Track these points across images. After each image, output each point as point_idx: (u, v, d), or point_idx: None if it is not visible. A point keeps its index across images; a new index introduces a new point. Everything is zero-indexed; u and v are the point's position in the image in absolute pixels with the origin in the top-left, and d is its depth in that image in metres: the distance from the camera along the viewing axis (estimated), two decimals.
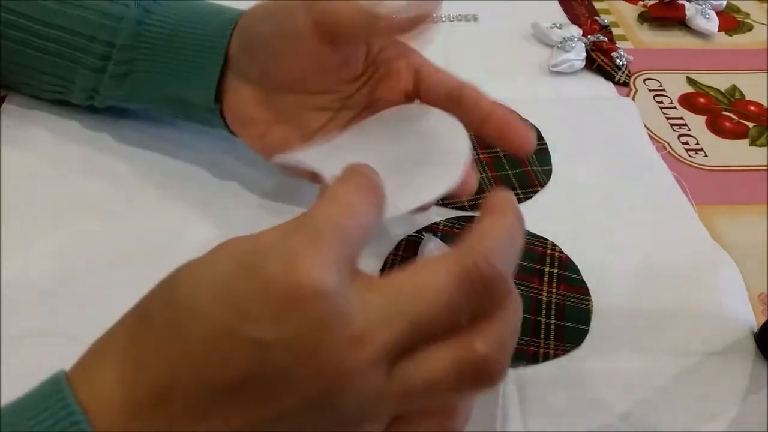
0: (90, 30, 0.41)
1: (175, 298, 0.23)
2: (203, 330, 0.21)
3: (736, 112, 0.54)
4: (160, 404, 0.22)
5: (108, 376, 0.23)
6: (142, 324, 0.23)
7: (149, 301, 0.24)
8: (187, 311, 0.22)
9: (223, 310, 0.21)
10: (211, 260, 0.23)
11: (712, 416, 0.33)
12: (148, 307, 0.24)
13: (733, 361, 0.36)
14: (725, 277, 0.40)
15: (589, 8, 0.65)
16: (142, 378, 0.22)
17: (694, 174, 0.47)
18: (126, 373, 0.22)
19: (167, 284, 0.24)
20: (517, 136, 0.35)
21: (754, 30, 0.65)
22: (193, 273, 0.23)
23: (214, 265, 0.23)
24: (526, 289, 0.38)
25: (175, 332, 0.22)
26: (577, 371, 0.35)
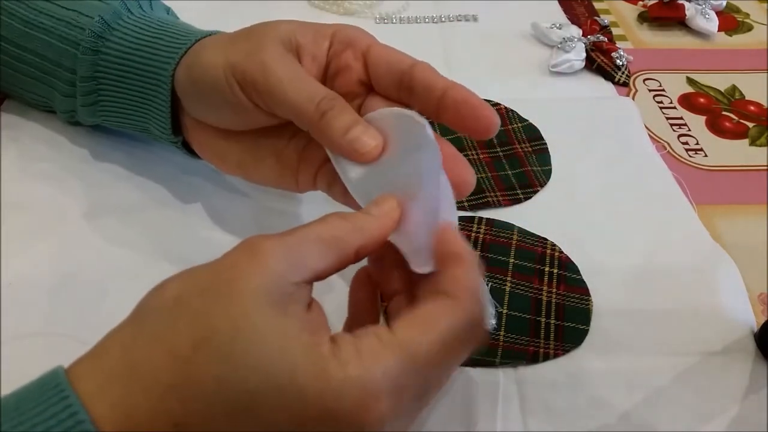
0: (54, 56, 0.40)
1: (237, 377, 0.23)
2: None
3: (736, 112, 0.54)
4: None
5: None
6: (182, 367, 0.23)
7: (176, 332, 0.24)
8: (254, 406, 0.23)
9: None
10: (281, 362, 0.23)
11: (712, 416, 0.33)
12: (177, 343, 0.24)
13: (733, 361, 0.36)
14: (725, 277, 0.40)
15: (588, 8, 0.65)
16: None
17: (694, 174, 0.47)
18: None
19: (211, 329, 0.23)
20: (479, 117, 0.30)
21: (754, 30, 0.65)
22: (261, 368, 0.23)
23: (286, 388, 0.23)
24: (526, 289, 0.38)
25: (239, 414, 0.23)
26: (577, 371, 0.35)
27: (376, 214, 0.28)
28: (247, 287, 0.24)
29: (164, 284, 0.25)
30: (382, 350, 0.23)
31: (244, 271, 0.24)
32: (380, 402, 0.23)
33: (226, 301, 0.24)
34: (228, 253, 0.26)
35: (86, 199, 0.42)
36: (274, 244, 0.25)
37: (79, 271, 0.38)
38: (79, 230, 0.40)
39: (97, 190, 0.42)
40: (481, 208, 0.43)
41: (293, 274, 0.25)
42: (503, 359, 0.35)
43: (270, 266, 0.24)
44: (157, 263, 0.38)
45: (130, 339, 0.24)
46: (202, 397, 0.23)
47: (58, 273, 0.37)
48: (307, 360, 0.23)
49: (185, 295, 0.24)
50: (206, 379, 0.23)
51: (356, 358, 0.23)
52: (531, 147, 0.48)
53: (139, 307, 0.25)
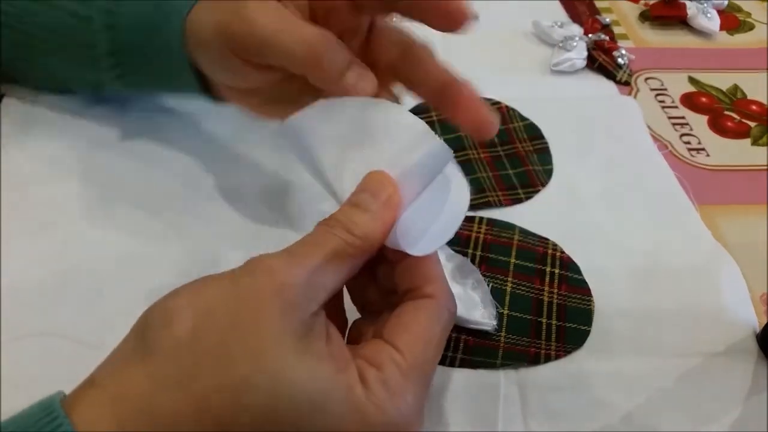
0: (69, 31, 0.40)
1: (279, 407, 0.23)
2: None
3: (738, 111, 0.54)
4: None
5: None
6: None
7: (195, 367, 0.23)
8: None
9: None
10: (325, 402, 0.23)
11: (714, 417, 0.33)
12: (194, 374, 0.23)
13: (736, 362, 0.36)
14: (727, 277, 0.40)
15: (590, 7, 0.65)
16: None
17: (696, 174, 0.47)
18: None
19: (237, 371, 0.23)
20: (478, 118, 0.30)
21: (756, 29, 0.64)
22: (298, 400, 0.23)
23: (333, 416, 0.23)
24: (527, 290, 0.38)
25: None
26: (579, 372, 0.35)
27: (376, 210, 0.26)
28: (274, 329, 0.23)
29: (171, 313, 0.24)
30: (405, 382, 0.25)
31: (266, 308, 0.23)
32: (414, 426, 0.25)
33: (255, 351, 0.23)
34: (241, 278, 0.24)
35: (86, 199, 0.42)
36: (293, 272, 0.24)
37: (79, 272, 0.37)
38: (78, 230, 0.40)
39: (97, 190, 0.42)
40: (481, 207, 0.43)
41: (313, 304, 0.24)
42: (504, 360, 0.35)
43: (292, 300, 0.23)
44: (157, 264, 0.38)
45: (148, 382, 0.23)
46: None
47: (58, 273, 0.37)
48: (347, 408, 0.23)
49: (204, 335, 0.23)
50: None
51: (389, 397, 0.24)
52: (532, 146, 0.48)
53: (147, 338, 0.24)
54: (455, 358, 0.35)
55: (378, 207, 0.26)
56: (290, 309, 0.23)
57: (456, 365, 0.34)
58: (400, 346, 0.25)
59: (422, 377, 0.25)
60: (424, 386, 0.26)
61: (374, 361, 0.25)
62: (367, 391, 0.24)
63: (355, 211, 0.26)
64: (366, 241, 0.26)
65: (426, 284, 0.27)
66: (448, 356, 0.35)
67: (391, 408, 0.24)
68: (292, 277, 0.24)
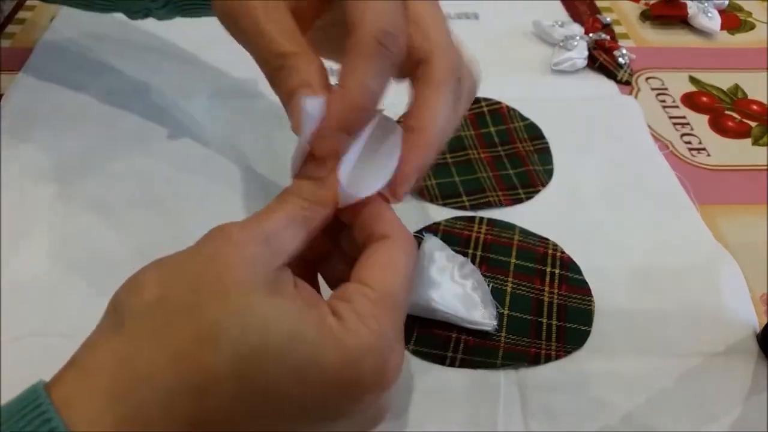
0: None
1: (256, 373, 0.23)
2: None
3: (739, 111, 0.54)
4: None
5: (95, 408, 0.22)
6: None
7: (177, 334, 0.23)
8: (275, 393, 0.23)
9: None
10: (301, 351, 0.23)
11: (715, 417, 0.33)
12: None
13: (736, 362, 0.35)
14: (728, 277, 0.40)
15: (590, 6, 0.65)
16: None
17: (696, 173, 0.47)
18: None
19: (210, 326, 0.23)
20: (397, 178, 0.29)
21: (756, 29, 0.64)
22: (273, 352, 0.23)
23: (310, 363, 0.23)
24: (528, 290, 0.38)
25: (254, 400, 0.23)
26: (579, 372, 0.35)
27: (323, 175, 0.27)
28: (239, 278, 0.23)
29: (138, 283, 0.25)
30: (375, 309, 0.25)
31: (230, 263, 0.24)
32: (394, 352, 0.25)
33: (222, 295, 0.23)
34: (202, 244, 0.25)
35: (86, 198, 0.42)
36: (251, 234, 0.25)
37: (79, 272, 0.37)
38: (78, 230, 0.40)
39: (97, 190, 0.42)
40: (482, 207, 0.43)
41: (275, 260, 0.25)
42: (504, 361, 0.35)
43: (254, 255, 0.24)
44: None
45: (121, 348, 0.23)
46: (220, 395, 0.22)
47: (58, 273, 0.37)
48: (321, 336, 0.23)
49: (172, 294, 0.24)
50: (223, 376, 0.22)
51: (362, 323, 0.24)
52: (532, 146, 0.48)
53: (117, 311, 0.24)
54: (455, 358, 0.35)
55: (325, 173, 0.27)
56: (251, 263, 0.24)
57: (456, 365, 0.34)
58: (366, 281, 0.26)
59: (393, 305, 0.26)
60: (397, 313, 0.26)
61: (343, 297, 0.25)
62: (340, 320, 0.24)
63: (305, 181, 0.28)
64: (319, 204, 0.27)
65: (379, 227, 0.27)
66: (448, 356, 0.35)
67: (364, 330, 0.24)
68: (249, 237, 0.25)
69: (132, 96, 0.49)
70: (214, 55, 0.53)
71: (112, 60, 0.53)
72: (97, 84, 0.50)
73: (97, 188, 0.42)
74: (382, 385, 0.24)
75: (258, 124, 0.48)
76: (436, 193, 0.44)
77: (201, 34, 0.44)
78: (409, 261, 0.27)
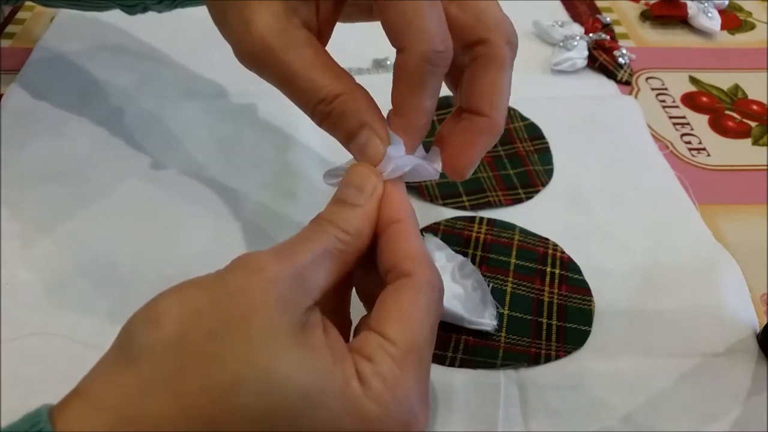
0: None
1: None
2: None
3: (739, 111, 0.54)
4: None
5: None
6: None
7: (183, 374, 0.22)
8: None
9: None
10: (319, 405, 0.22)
11: (715, 418, 0.33)
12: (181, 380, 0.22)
13: (736, 362, 0.35)
14: (727, 277, 0.40)
15: (590, 6, 0.65)
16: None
17: (696, 173, 0.47)
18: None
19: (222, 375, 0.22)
20: (457, 157, 0.29)
21: (756, 29, 0.64)
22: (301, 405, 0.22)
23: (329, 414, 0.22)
24: (528, 290, 0.38)
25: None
26: (579, 373, 0.35)
27: (363, 204, 0.26)
28: (263, 324, 0.22)
29: (157, 315, 0.23)
30: (400, 369, 0.23)
31: (257, 303, 0.22)
32: (418, 416, 0.24)
33: (245, 343, 0.22)
34: (229, 276, 0.23)
35: (85, 199, 0.42)
36: (282, 268, 0.23)
37: (79, 272, 0.37)
38: (78, 230, 0.40)
39: (97, 190, 0.42)
40: (482, 207, 0.43)
41: (306, 299, 0.23)
42: (504, 361, 0.35)
43: (284, 296, 0.23)
44: (157, 264, 0.38)
45: (131, 386, 0.22)
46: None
47: (58, 273, 0.37)
48: (343, 402, 0.22)
49: (191, 334, 0.22)
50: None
51: (387, 390, 0.23)
52: (533, 146, 0.48)
53: (131, 342, 0.23)
54: (455, 358, 0.35)
55: (364, 201, 0.26)
56: (281, 304, 0.22)
57: (456, 365, 0.34)
58: (388, 335, 0.24)
59: (418, 362, 0.24)
60: (422, 371, 0.24)
61: (365, 353, 0.24)
62: (364, 386, 0.23)
63: (342, 207, 0.26)
64: (356, 237, 0.25)
65: (402, 262, 0.25)
66: (448, 356, 0.35)
67: (390, 400, 0.23)
68: (281, 273, 0.23)
69: (132, 96, 0.49)
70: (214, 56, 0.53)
71: (112, 60, 0.53)
72: (97, 84, 0.50)
73: (97, 188, 0.42)
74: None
75: (258, 125, 0.48)
76: (436, 193, 0.44)
77: (202, 33, 0.44)
78: (434, 304, 0.25)
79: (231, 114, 0.49)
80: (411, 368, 0.24)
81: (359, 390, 0.22)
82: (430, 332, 0.25)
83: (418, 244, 0.26)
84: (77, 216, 0.40)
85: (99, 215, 0.41)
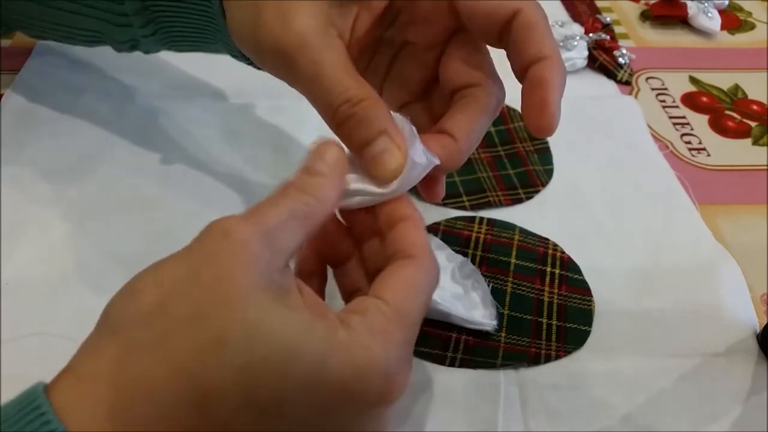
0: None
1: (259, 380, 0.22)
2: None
3: (739, 111, 0.54)
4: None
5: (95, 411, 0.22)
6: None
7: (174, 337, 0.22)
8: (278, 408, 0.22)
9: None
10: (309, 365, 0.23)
11: (715, 417, 0.33)
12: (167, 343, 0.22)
13: (736, 362, 0.35)
14: (727, 277, 0.40)
15: (590, 6, 0.65)
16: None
17: (696, 173, 0.47)
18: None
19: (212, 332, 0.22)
20: (542, 116, 0.30)
21: (756, 29, 0.64)
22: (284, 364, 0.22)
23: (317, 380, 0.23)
24: (528, 290, 0.38)
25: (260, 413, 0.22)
26: (579, 372, 0.35)
27: (327, 173, 0.27)
28: (240, 284, 0.22)
29: (134, 288, 0.24)
30: (389, 325, 0.24)
31: (230, 266, 0.23)
32: (401, 373, 0.24)
33: (224, 303, 0.22)
34: (199, 242, 0.24)
35: (85, 199, 0.42)
36: (252, 231, 0.24)
37: (79, 272, 0.37)
38: (78, 230, 0.40)
39: (97, 190, 0.42)
40: (482, 207, 0.43)
41: (278, 260, 0.24)
42: (504, 361, 0.35)
43: (255, 256, 0.23)
44: None
45: (120, 357, 0.22)
46: (223, 408, 0.22)
47: (58, 273, 0.37)
48: (330, 349, 0.23)
49: (169, 301, 0.23)
50: (226, 389, 0.22)
51: (373, 339, 0.24)
52: (533, 146, 0.48)
53: (112, 319, 0.24)
54: (455, 358, 0.35)
55: (329, 170, 0.27)
56: (253, 263, 0.23)
57: (456, 365, 0.34)
58: (383, 296, 0.25)
59: (407, 325, 0.25)
60: (409, 333, 0.25)
61: (357, 309, 0.25)
62: (350, 331, 0.23)
63: (308, 174, 0.27)
64: (321, 201, 0.26)
65: (408, 247, 0.27)
66: (448, 356, 0.35)
67: (375, 347, 0.23)
68: (249, 233, 0.23)
69: (132, 96, 0.49)
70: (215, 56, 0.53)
71: (112, 60, 0.53)
72: (97, 84, 0.50)
73: (97, 188, 0.42)
74: (386, 402, 0.24)
75: (258, 125, 0.48)
76: None
77: None
78: (430, 285, 0.27)
79: (231, 114, 0.49)
80: (400, 328, 0.25)
81: (345, 335, 0.23)
82: (421, 310, 0.26)
83: (425, 238, 0.28)
84: (77, 216, 0.40)
85: (99, 215, 0.41)
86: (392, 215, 0.28)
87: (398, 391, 0.24)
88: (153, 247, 0.39)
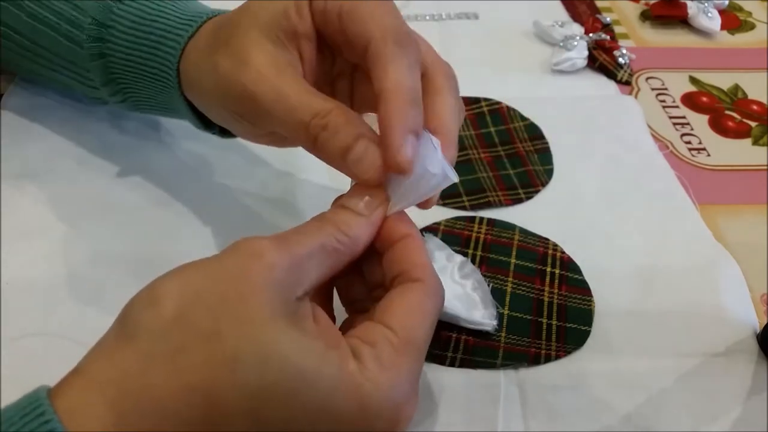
0: (67, 53, 0.38)
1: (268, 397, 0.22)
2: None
3: (739, 111, 0.54)
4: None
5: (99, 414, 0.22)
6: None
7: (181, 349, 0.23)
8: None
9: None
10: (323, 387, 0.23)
11: (715, 417, 0.33)
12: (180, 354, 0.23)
13: (736, 362, 0.35)
14: (727, 277, 0.40)
15: (590, 6, 0.65)
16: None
17: (696, 173, 0.47)
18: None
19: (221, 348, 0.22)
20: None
21: (756, 29, 0.64)
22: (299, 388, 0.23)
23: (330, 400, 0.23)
24: (528, 290, 0.38)
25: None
26: (579, 372, 0.35)
27: (367, 215, 0.27)
28: (262, 306, 0.23)
29: (156, 296, 0.24)
30: (398, 358, 0.25)
31: (255, 286, 0.23)
32: (409, 404, 0.25)
33: (243, 323, 0.22)
34: (228, 257, 0.24)
35: (85, 199, 0.42)
36: (280, 255, 0.24)
37: (79, 272, 0.37)
38: (78, 230, 0.40)
39: (97, 190, 0.42)
40: (482, 207, 0.43)
41: (298, 288, 0.24)
42: (504, 361, 0.35)
43: (279, 282, 0.24)
44: (157, 264, 0.38)
45: (132, 363, 0.22)
46: (232, 428, 0.22)
47: (58, 273, 0.37)
48: (340, 381, 0.23)
49: (190, 314, 0.23)
50: (235, 411, 0.22)
51: (382, 372, 0.24)
52: (532, 146, 0.48)
53: (131, 322, 0.23)
54: (455, 358, 0.35)
55: (369, 213, 0.28)
56: (276, 288, 0.23)
57: (456, 365, 0.34)
58: (391, 325, 0.25)
59: (415, 354, 0.26)
60: (417, 363, 0.26)
61: (367, 339, 0.25)
62: (361, 365, 0.24)
63: (346, 212, 0.28)
64: (353, 241, 0.27)
65: (413, 269, 0.27)
66: (448, 356, 0.35)
67: (385, 382, 0.24)
68: (278, 259, 0.24)
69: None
70: None
71: None
72: None
73: (98, 188, 0.42)
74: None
75: None
76: None
77: None
78: (436, 307, 0.27)
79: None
80: (408, 359, 0.25)
81: (356, 369, 0.24)
82: (428, 334, 0.27)
83: (426, 257, 0.28)
84: (77, 216, 0.40)
85: (99, 215, 0.41)
86: (391, 232, 0.28)
87: (406, 422, 0.25)
88: (153, 247, 0.39)
